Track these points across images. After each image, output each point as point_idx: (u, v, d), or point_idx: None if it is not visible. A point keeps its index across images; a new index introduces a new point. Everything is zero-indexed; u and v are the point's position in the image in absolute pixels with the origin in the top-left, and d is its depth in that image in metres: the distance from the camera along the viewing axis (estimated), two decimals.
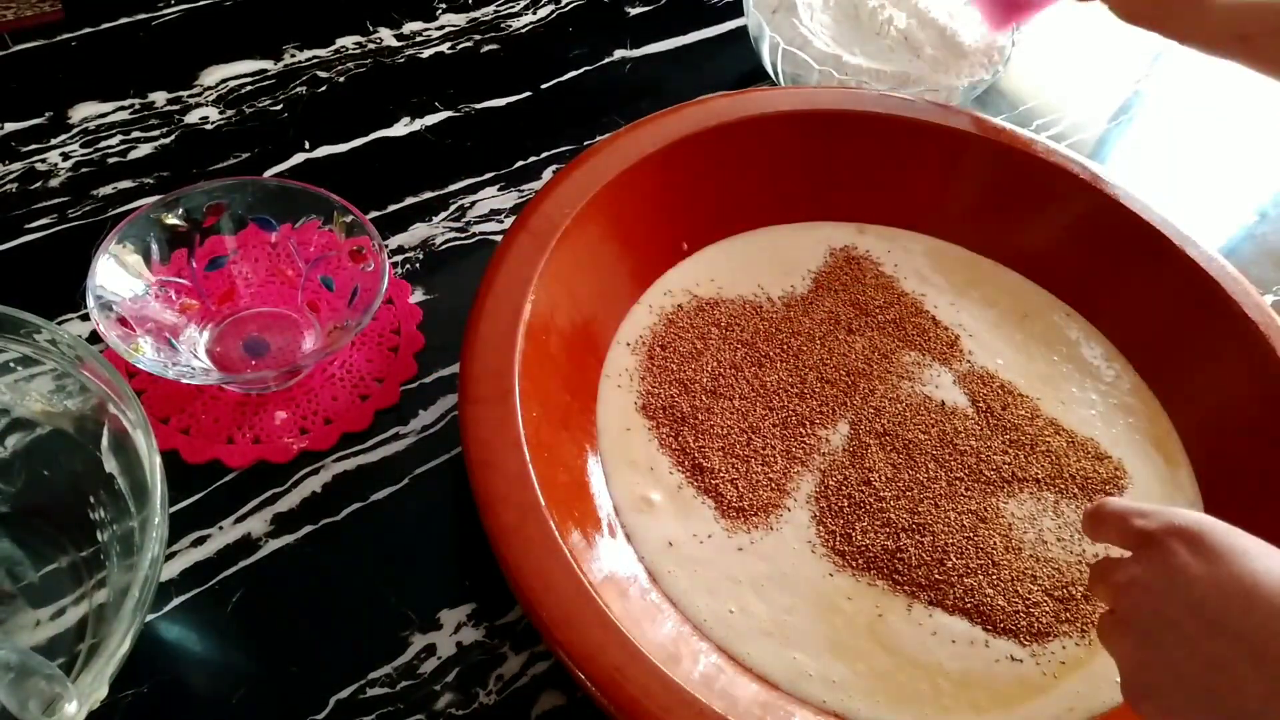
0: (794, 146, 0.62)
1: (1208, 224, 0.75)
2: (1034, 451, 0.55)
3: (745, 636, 0.46)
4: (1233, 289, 0.57)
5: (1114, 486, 0.55)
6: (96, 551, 0.44)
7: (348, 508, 0.50)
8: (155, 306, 0.51)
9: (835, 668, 0.46)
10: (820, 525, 0.51)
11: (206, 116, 0.68)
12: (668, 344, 0.57)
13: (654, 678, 0.39)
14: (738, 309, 0.59)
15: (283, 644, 0.46)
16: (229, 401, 0.53)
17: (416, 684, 0.45)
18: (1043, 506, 0.53)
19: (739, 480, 0.51)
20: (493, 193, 0.66)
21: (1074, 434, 0.57)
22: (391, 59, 0.74)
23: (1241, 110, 0.87)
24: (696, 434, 0.53)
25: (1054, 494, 0.54)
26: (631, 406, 0.54)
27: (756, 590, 0.48)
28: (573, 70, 0.76)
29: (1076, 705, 0.47)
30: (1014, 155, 0.62)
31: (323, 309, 0.55)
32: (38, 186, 0.62)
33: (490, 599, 0.48)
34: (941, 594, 0.49)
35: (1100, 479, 0.55)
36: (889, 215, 0.65)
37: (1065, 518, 0.53)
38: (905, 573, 0.49)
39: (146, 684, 0.43)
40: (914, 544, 0.50)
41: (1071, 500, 0.54)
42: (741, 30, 0.81)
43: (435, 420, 0.54)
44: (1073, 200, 0.62)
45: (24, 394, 0.43)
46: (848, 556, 0.50)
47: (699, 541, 0.49)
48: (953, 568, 0.50)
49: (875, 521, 0.51)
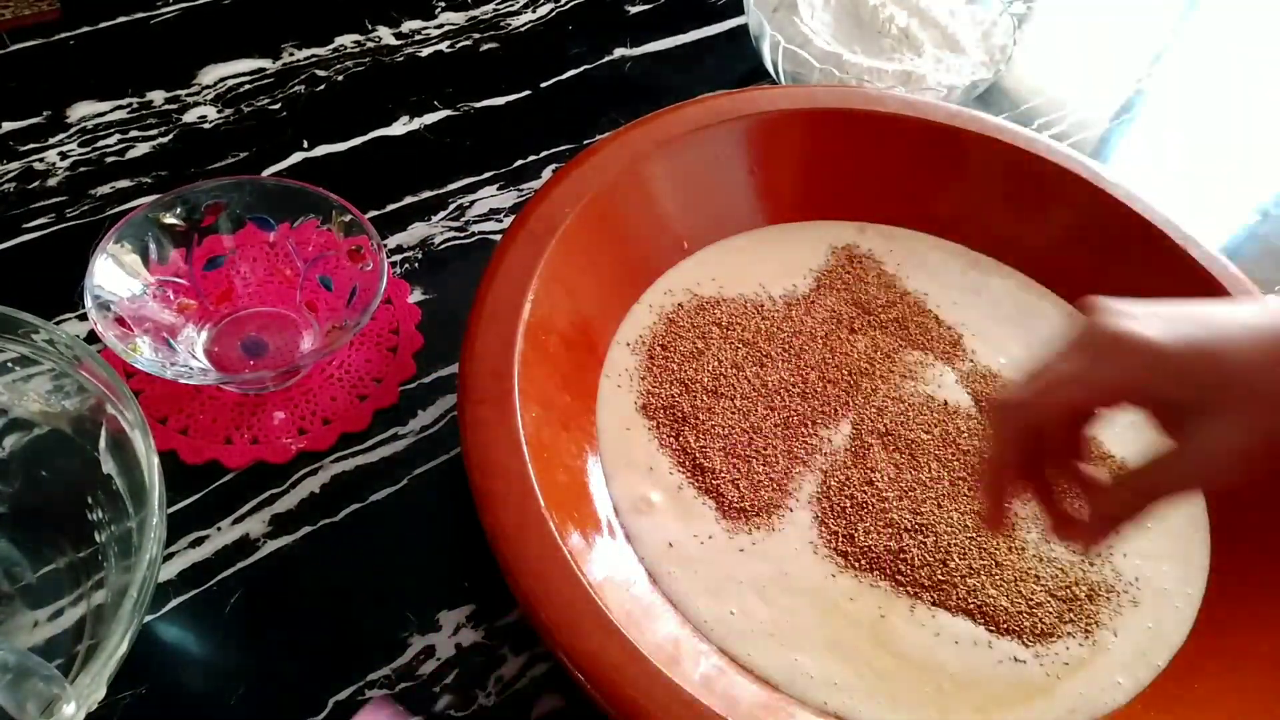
0: (794, 145, 0.62)
1: (1210, 223, 0.74)
2: None
3: (746, 637, 0.46)
4: (1235, 289, 0.57)
5: None
6: (94, 552, 0.44)
7: (346, 508, 0.50)
8: (153, 306, 0.51)
9: (837, 669, 0.46)
10: (822, 526, 0.51)
11: (205, 115, 0.67)
12: (668, 344, 0.57)
13: (654, 679, 0.39)
14: (739, 308, 0.59)
15: (281, 645, 0.45)
16: (227, 402, 0.52)
17: (416, 685, 0.45)
18: None
19: (740, 480, 0.51)
20: (492, 192, 0.66)
21: None
22: (390, 58, 0.74)
23: (1244, 109, 0.87)
24: (697, 434, 0.53)
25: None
26: (631, 406, 0.54)
27: (758, 591, 0.48)
28: (572, 69, 0.76)
29: (1079, 707, 0.46)
30: (1015, 154, 0.62)
31: (321, 309, 0.55)
32: (35, 186, 0.61)
33: (490, 600, 0.48)
34: (944, 594, 0.49)
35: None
36: (890, 215, 0.65)
37: None
38: (908, 573, 0.49)
39: (145, 685, 0.43)
40: (917, 544, 0.50)
41: (1075, 500, 0.53)
42: (742, 29, 0.81)
43: (434, 421, 0.54)
44: (1075, 199, 0.62)
45: (22, 394, 0.43)
46: (850, 557, 0.50)
47: (699, 542, 0.49)
48: (955, 568, 0.49)
49: (878, 522, 0.51)
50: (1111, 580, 0.51)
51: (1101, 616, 0.49)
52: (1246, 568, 0.51)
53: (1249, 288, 0.57)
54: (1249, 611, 0.49)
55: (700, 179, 0.60)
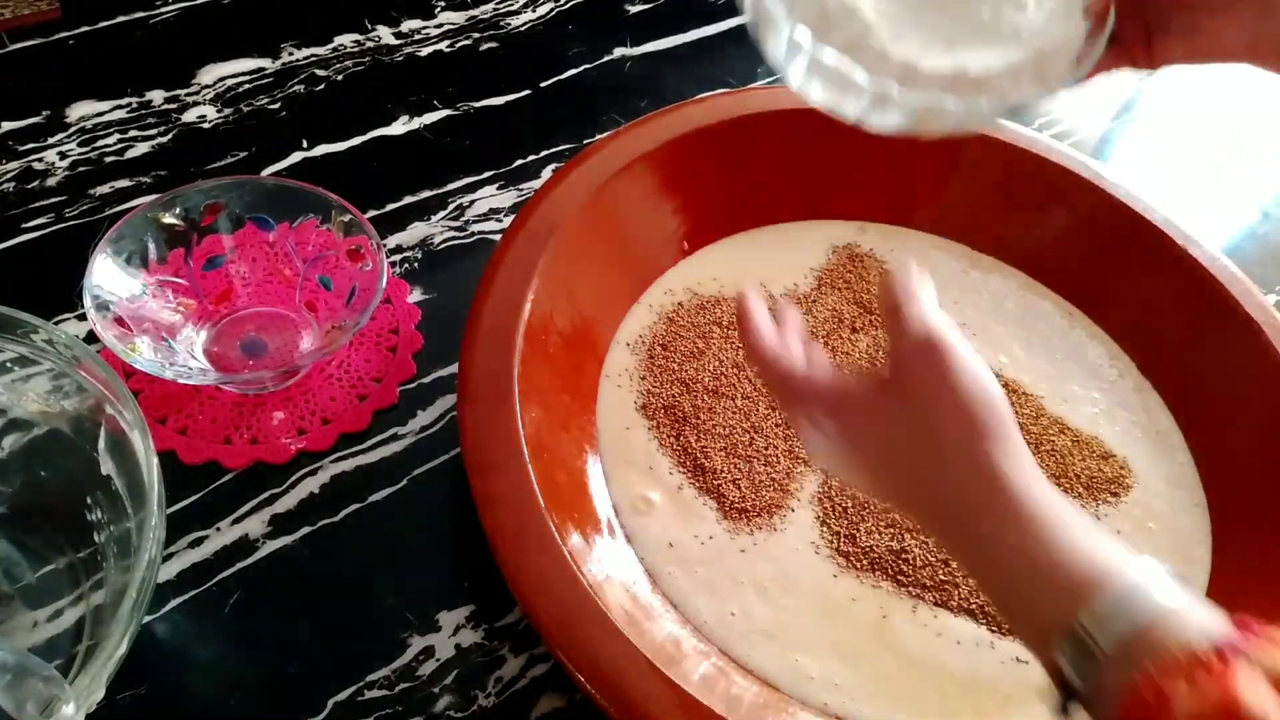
0: (795, 145, 0.62)
1: (1210, 223, 0.74)
2: (1039, 450, 0.55)
3: (747, 638, 0.46)
4: (1235, 289, 0.57)
5: (1119, 485, 0.55)
6: (94, 552, 0.44)
7: (346, 509, 0.50)
8: (152, 306, 0.51)
9: (839, 670, 0.46)
10: (824, 526, 0.51)
11: (204, 115, 0.67)
12: (669, 343, 0.56)
13: (654, 680, 0.39)
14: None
15: (280, 646, 0.45)
16: (226, 402, 0.52)
17: (415, 686, 0.45)
18: None
19: (741, 480, 0.51)
20: (492, 192, 0.66)
21: (1079, 433, 0.56)
22: (390, 57, 0.74)
23: (1244, 109, 0.87)
24: (698, 434, 0.52)
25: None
26: (631, 406, 0.54)
27: (759, 592, 0.48)
28: (572, 68, 0.76)
29: None
30: (1016, 154, 0.62)
31: (320, 308, 0.55)
32: (35, 186, 0.61)
33: (489, 600, 0.48)
34: (946, 595, 0.49)
35: (1105, 478, 0.54)
36: (891, 215, 0.65)
37: None
38: (910, 574, 0.49)
39: (144, 686, 0.43)
40: (918, 544, 0.50)
41: (1077, 500, 0.53)
42: (742, 28, 0.81)
43: (434, 421, 0.54)
44: (1075, 200, 0.62)
45: (21, 394, 0.43)
46: (852, 558, 0.49)
47: (700, 543, 0.49)
48: (957, 568, 0.49)
49: (879, 522, 0.51)
50: None
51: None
52: (1246, 570, 0.51)
53: (1249, 287, 0.57)
54: (1249, 604, 0.49)
55: (700, 179, 0.60)
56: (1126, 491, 0.54)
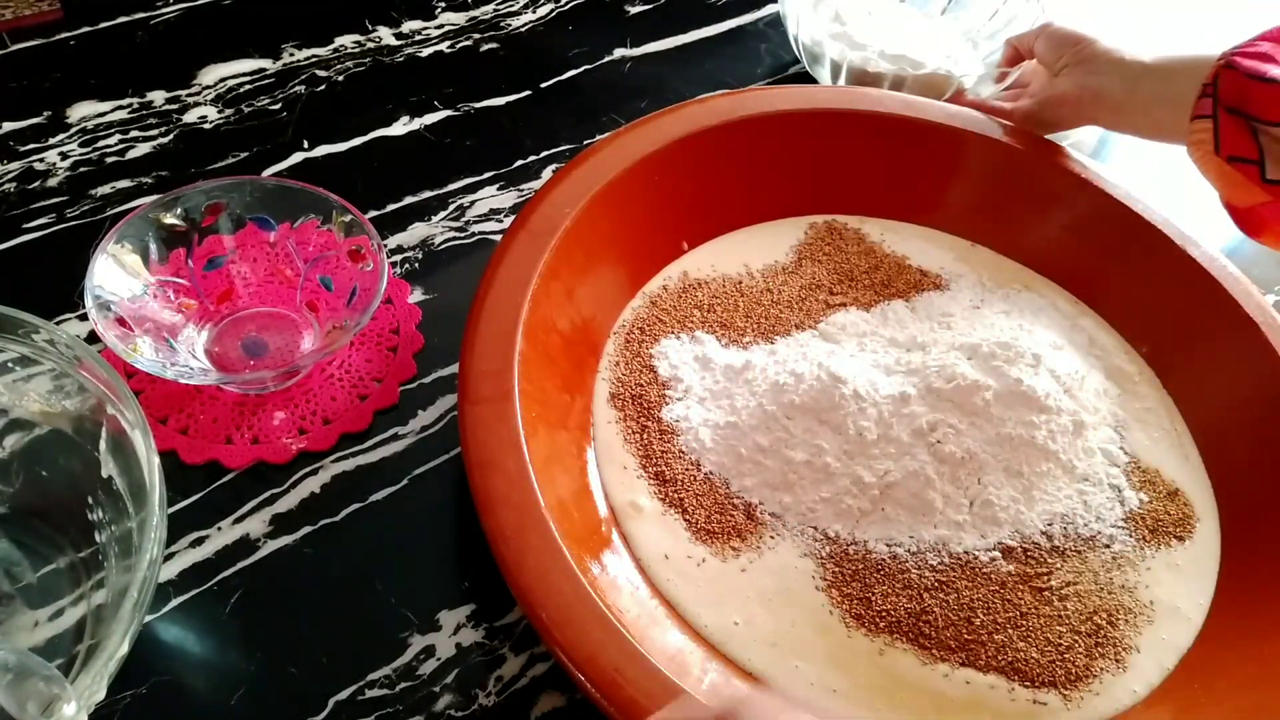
0: (795, 145, 0.62)
1: (1209, 223, 0.74)
2: None
3: (746, 645, 0.45)
4: (1235, 289, 0.57)
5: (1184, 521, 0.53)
6: (95, 552, 0.44)
7: (347, 508, 0.50)
8: (153, 306, 0.51)
9: (836, 678, 0.45)
10: (833, 590, 0.47)
11: (205, 116, 0.67)
12: (646, 327, 0.56)
13: (653, 679, 0.39)
14: (719, 288, 0.59)
15: (281, 645, 0.45)
16: (227, 402, 0.52)
17: (415, 685, 0.45)
18: None
19: (705, 498, 0.50)
20: (492, 192, 0.66)
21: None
22: (390, 58, 0.74)
23: None
24: (660, 432, 0.51)
25: None
26: (604, 398, 0.53)
27: (764, 604, 0.47)
28: (572, 69, 0.76)
29: (1092, 717, 0.45)
30: (1015, 155, 0.62)
31: (321, 309, 0.55)
32: (36, 186, 0.61)
33: (490, 600, 0.48)
34: (973, 654, 0.46)
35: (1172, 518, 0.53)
36: (891, 213, 0.65)
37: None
38: (933, 634, 0.46)
39: (145, 685, 0.43)
40: (939, 604, 0.47)
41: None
42: (742, 29, 0.81)
43: (434, 421, 0.54)
44: (1074, 200, 0.62)
45: (22, 394, 0.43)
46: (866, 621, 0.47)
47: (696, 564, 0.48)
48: (982, 625, 0.46)
49: (895, 584, 0.48)
50: (1129, 604, 0.49)
51: (1128, 639, 0.47)
52: (1246, 570, 0.51)
53: (1249, 287, 0.57)
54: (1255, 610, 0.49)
55: (700, 179, 0.60)
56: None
